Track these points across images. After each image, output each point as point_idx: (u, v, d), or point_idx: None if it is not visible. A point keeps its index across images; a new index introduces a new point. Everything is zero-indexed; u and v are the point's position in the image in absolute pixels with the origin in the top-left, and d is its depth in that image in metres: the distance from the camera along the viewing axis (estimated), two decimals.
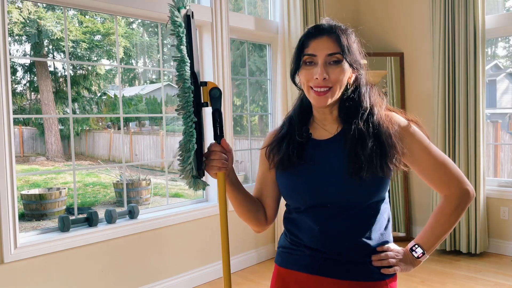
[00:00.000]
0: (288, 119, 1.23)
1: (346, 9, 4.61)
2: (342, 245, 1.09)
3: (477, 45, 3.69)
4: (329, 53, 1.09)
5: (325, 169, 1.11)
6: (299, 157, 1.14)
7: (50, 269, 2.57)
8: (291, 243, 1.18)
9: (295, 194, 1.15)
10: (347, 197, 1.09)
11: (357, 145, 1.08)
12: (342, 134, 1.13)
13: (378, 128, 1.10)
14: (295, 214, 1.17)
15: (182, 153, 1.05)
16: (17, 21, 11.31)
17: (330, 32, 1.11)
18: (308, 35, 1.13)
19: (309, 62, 1.11)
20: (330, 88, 1.09)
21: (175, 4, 1.06)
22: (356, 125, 1.10)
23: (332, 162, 1.11)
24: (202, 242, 3.35)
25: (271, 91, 4.02)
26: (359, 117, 1.11)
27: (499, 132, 6.85)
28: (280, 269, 1.20)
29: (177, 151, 1.07)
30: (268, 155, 1.21)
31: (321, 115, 1.18)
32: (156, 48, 16.49)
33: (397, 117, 1.15)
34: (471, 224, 3.78)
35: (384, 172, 1.08)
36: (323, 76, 1.08)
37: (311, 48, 1.11)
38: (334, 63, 1.09)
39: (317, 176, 1.11)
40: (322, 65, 1.08)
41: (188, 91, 1.05)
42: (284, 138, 1.19)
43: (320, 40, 1.10)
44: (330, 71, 1.09)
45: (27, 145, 14.24)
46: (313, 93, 1.11)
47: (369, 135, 1.09)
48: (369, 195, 1.09)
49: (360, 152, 1.07)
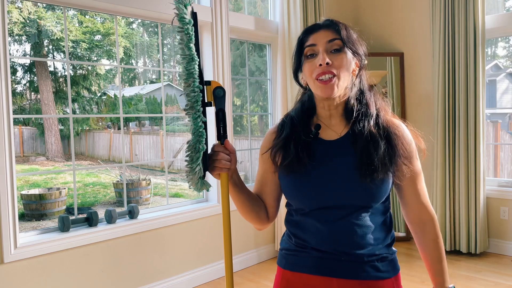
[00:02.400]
0: (289, 119, 1.20)
1: (346, 9, 4.61)
2: (350, 246, 1.08)
3: (477, 45, 3.69)
4: (329, 40, 1.09)
5: (334, 170, 1.10)
6: (309, 158, 1.11)
7: (50, 269, 2.57)
8: (296, 245, 1.15)
9: (302, 196, 1.12)
10: (356, 199, 1.08)
11: (370, 147, 1.07)
12: (350, 136, 1.12)
13: (388, 131, 1.11)
14: (299, 216, 1.15)
15: (191, 153, 1.03)
16: (17, 21, 11.31)
17: (328, 25, 1.12)
18: (306, 31, 1.14)
19: (311, 55, 1.11)
20: (335, 76, 1.08)
21: (182, 1, 1.03)
22: (367, 127, 1.10)
23: (343, 163, 1.10)
24: (202, 242, 3.35)
25: (271, 91, 4.03)
26: (369, 120, 1.11)
27: (499, 132, 6.86)
28: (285, 272, 1.17)
29: (185, 151, 1.05)
30: (273, 158, 1.16)
31: (326, 111, 1.15)
32: (156, 48, 16.49)
33: (405, 128, 1.16)
34: (471, 224, 3.78)
35: (394, 175, 1.09)
36: (326, 61, 1.07)
37: (310, 40, 1.11)
38: (336, 51, 1.09)
39: (325, 177, 1.09)
40: (324, 51, 1.08)
41: (197, 90, 1.03)
42: (289, 140, 1.15)
43: (318, 32, 1.11)
44: (333, 58, 1.08)
45: (27, 145, 14.24)
46: (318, 83, 1.09)
47: (380, 137, 1.09)
48: (377, 197, 1.08)
49: (374, 154, 1.06)
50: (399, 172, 1.10)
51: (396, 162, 1.09)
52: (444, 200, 3.90)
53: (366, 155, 1.07)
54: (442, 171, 3.88)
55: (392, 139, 1.10)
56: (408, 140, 1.14)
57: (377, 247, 1.10)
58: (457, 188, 3.84)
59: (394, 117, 1.17)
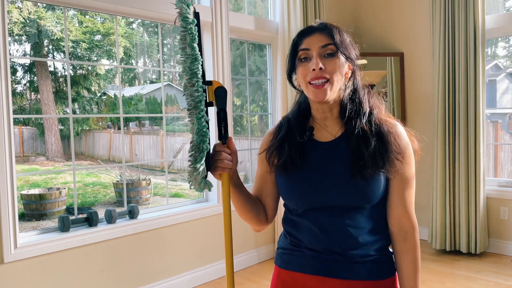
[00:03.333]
0: (286, 121, 1.21)
1: (346, 9, 4.61)
2: (344, 247, 1.09)
3: (477, 45, 3.69)
4: (322, 45, 1.10)
5: (327, 171, 1.10)
6: (302, 159, 1.12)
7: (50, 269, 2.57)
8: (291, 244, 1.17)
9: (295, 197, 1.13)
10: (349, 199, 1.08)
11: (361, 144, 1.08)
12: (345, 137, 1.13)
13: (380, 127, 1.12)
14: (294, 216, 1.16)
15: (194, 153, 1.03)
16: (17, 21, 11.32)
17: (322, 29, 1.12)
18: (300, 34, 1.15)
19: (304, 58, 1.12)
20: (328, 80, 1.09)
21: (185, 1, 1.02)
22: (359, 125, 1.10)
23: (335, 164, 1.11)
24: (202, 242, 3.35)
25: (271, 91, 4.03)
26: (361, 118, 1.12)
27: (499, 132, 6.86)
28: (280, 271, 1.19)
29: (189, 151, 1.04)
30: (268, 158, 1.18)
31: (321, 114, 1.16)
32: (156, 48, 16.50)
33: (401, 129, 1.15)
34: (471, 224, 3.78)
35: (386, 171, 1.09)
36: (319, 66, 1.08)
37: (304, 44, 1.12)
38: (329, 55, 1.10)
39: (318, 178, 1.11)
40: (317, 56, 1.09)
41: (201, 90, 1.03)
42: (284, 141, 1.16)
43: (312, 36, 1.12)
44: (326, 63, 1.09)
45: (27, 145, 14.24)
46: (311, 87, 1.10)
47: (371, 133, 1.10)
48: (370, 197, 1.08)
49: (364, 151, 1.07)
50: (391, 168, 1.09)
51: (388, 158, 1.08)
52: (444, 200, 3.90)
53: (357, 152, 1.08)
54: (442, 171, 3.88)
55: (384, 135, 1.10)
56: (404, 142, 1.13)
57: (371, 248, 1.11)
58: (457, 188, 3.84)
59: (388, 116, 1.17)
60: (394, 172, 1.10)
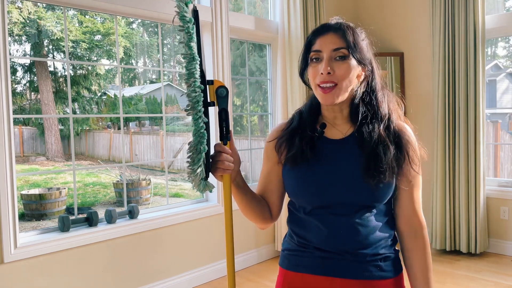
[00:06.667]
0: (298, 113, 1.21)
1: (346, 9, 4.61)
2: (354, 245, 1.08)
3: (477, 45, 3.69)
4: (334, 48, 1.08)
5: (338, 170, 1.09)
6: (313, 153, 1.11)
7: (50, 269, 2.57)
8: (298, 245, 1.15)
9: (304, 192, 1.11)
10: (358, 198, 1.08)
11: (379, 150, 1.07)
12: (356, 136, 1.12)
13: (399, 136, 1.11)
14: (301, 215, 1.14)
15: (192, 154, 1.01)
16: (17, 21, 11.31)
17: (336, 29, 1.11)
18: (314, 33, 1.13)
19: (316, 59, 1.11)
20: (336, 85, 1.08)
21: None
22: (377, 130, 1.10)
23: (346, 163, 1.10)
24: (202, 242, 3.35)
25: (271, 91, 4.02)
26: (378, 122, 1.11)
27: (499, 132, 6.86)
28: (287, 273, 1.16)
29: (187, 153, 1.03)
30: (278, 148, 1.17)
31: (330, 113, 1.15)
32: (156, 48, 16.50)
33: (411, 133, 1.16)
34: (471, 224, 3.78)
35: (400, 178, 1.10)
36: (327, 71, 1.06)
37: (317, 44, 1.11)
38: (340, 58, 1.08)
39: (329, 174, 1.09)
40: (327, 60, 1.08)
41: (198, 90, 1.01)
42: (296, 132, 1.15)
43: (325, 36, 1.10)
44: (336, 66, 1.08)
45: (27, 145, 14.24)
46: (319, 90, 1.09)
47: (390, 141, 1.09)
48: (380, 198, 1.08)
49: (382, 157, 1.06)
50: (405, 177, 1.10)
51: (403, 168, 1.09)
52: (444, 200, 3.90)
53: (374, 157, 1.06)
54: (442, 171, 3.88)
55: (403, 145, 1.10)
56: (415, 147, 1.14)
57: (380, 247, 1.10)
58: (457, 188, 3.84)
59: (406, 122, 1.17)
60: (406, 182, 1.11)
